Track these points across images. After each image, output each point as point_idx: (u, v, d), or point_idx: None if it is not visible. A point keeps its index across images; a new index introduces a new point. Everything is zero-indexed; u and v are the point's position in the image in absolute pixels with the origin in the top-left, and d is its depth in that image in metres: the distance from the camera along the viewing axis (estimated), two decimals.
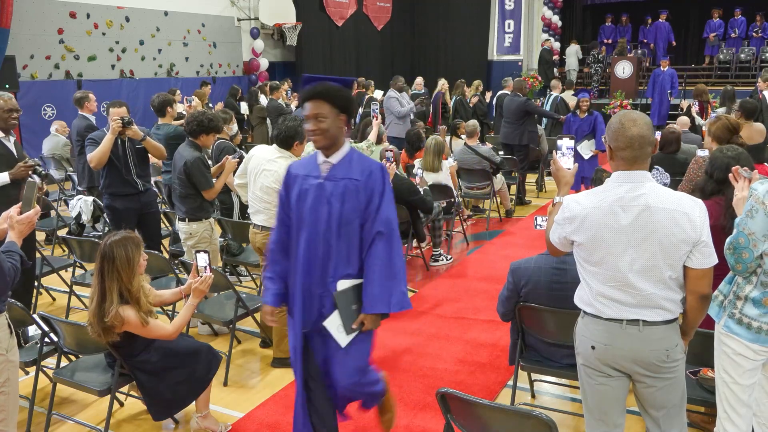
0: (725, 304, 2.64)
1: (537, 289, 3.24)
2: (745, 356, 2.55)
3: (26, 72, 9.47)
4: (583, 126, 8.19)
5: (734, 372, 2.59)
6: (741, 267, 2.51)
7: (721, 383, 2.65)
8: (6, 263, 2.67)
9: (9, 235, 2.82)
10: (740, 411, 2.59)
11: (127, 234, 3.19)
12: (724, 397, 2.64)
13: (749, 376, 2.57)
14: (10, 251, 2.75)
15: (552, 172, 2.76)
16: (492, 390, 3.96)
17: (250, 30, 13.53)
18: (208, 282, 3.33)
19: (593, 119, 8.20)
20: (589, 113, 8.30)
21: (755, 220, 2.46)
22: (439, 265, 6.34)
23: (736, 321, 2.57)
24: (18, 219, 2.83)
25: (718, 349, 2.66)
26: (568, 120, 8.46)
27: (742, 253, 2.48)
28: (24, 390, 3.71)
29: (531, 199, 9.12)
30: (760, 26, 15.43)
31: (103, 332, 3.09)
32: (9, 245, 2.79)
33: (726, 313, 2.61)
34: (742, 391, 2.57)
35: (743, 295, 2.57)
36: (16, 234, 2.82)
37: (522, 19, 17.15)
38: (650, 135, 2.32)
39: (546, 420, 2.15)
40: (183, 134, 5.95)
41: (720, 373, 2.66)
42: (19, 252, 2.79)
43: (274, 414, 3.75)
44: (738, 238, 2.50)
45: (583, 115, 8.31)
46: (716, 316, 2.66)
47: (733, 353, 2.58)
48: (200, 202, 4.71)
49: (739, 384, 2.58)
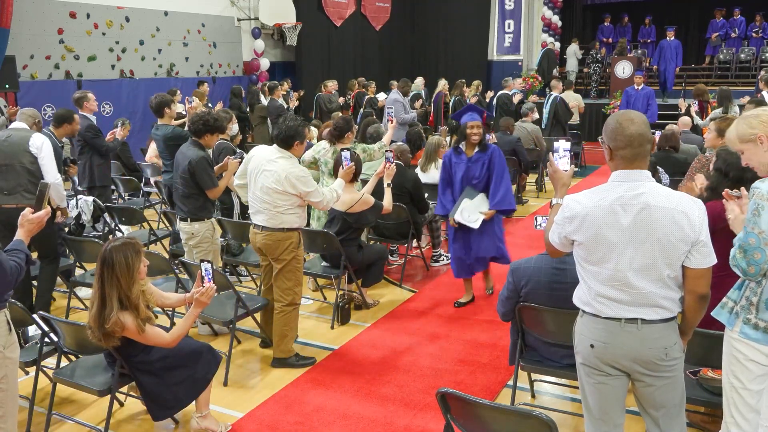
0: (737, 310, 2.55)
1: (537, 289, 3.24)
2: (758, 362, 2.49)
3: (26, 72, 9.46)
4: (474, 169, 4.99)
5: (744, 377, 2.53)
6: (754, 270, 2.41)
7: (730, 388, 2.59)
8: (9, 263, 2.69)
9: (18, 233, 2.88)
10: (748, 416, 2.57)
11: (127, 240, 3.18)
12: (732, 401, 2.59)
13: (759, 381, 2.52)
14: (15, 250, 2.79)
15: (549, 174, 2.77)
16: (492, 390, 3.96)
17: (250, 30, 13.52)
18: (210, 294, 3.32)
19: (488, 156, 4.98)
20: (482, 149, 4.97)
21: (762, 217, 2.38)
22: (440, 265, 6.34)
23: (753, 326, 2.48)
24: (29, 218, 2.89)
25: (729, 354, 2.59)
26: (445, 162, 5.14)
27: (754, 254, 2.39)
28: (24, 390, 3.71)
29: (528, 199, 9.13)
30: (759, 26, 15.42)
31: (104, 338, 3.10)
32: (15, 243, 2.84)
33: (740, 320, 2.52)
34: (751, 396, 2.53)
35: (756, 300, 2.48)
36: (24, 232, 2.88)
37: (522, 19, 17.13)
38: (648, 133, 2.34)
39: (546, 420, 2.15)
40: (181, 135, 5.98)
41: (729, 377, 2.60)
42: (26, 251, 2.83)
43: (274, 414, 3.76)
44: (748, 239, 2.41)
45: (471, 152, 5.00)
46: (728, 323, 2.58)
47: (744, 359, 2.52)
48: (203, 202, 4.70)
49: (748, 389, 2.53)
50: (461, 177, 5.05)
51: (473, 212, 4.95)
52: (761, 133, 2.48)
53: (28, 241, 2.90)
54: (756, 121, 2.52)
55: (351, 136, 5.56)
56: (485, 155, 5.01)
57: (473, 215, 4.95)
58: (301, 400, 3.90)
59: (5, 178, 4.65)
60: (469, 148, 5.07)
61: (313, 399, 3.91)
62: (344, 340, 4.73)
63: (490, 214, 4.97)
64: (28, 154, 4.69)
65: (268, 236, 4.16)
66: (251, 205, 4.29)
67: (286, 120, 4.18)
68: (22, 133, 4.81)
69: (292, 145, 4.14)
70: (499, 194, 4.96)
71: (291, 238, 4.18)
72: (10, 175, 4.65)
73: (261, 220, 4.19)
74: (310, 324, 5.04)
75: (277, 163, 4.08)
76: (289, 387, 4.06)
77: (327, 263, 5.22)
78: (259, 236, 4.21)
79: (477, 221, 4.93)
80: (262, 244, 4.20)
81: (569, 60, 15.78)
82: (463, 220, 4.94)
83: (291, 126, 4.10)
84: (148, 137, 8.29)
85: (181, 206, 4.75)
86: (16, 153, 4.68)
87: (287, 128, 4.10)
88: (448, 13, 17.40)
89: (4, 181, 4.65)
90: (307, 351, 4.55)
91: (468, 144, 5.06)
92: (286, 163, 4.09)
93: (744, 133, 2.54)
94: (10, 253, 2.77)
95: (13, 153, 4.68)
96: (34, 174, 4.69)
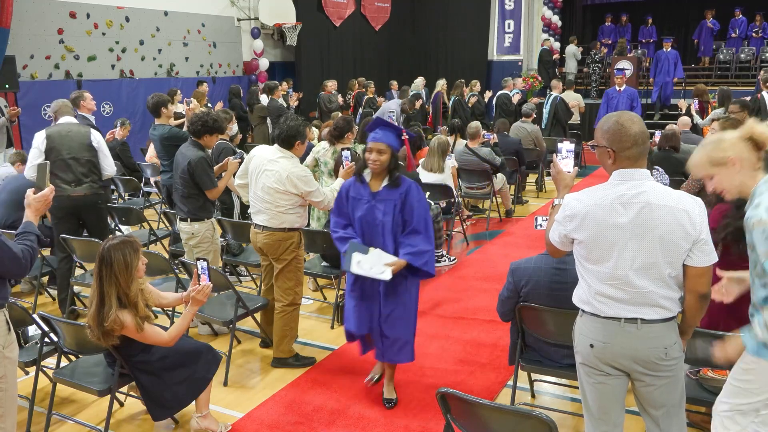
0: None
1: (537, 289, 3.24)
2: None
3: (26, 72, 9.45)
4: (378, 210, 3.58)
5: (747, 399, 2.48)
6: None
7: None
8: (17, 247, 2.71)
9: (26, 215, 2.91)
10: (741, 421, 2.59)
11: (126, 238, 3.18)
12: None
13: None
14: (25, 232, 2.82)
15: (552, 175, 2.77)
16: (492, 390, 3.96)
17: (250, 30, 13.52)
18: (206, 291, 3.33)
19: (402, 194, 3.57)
20: (393, 183, 3.55)
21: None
22: (441, 266, 6.34)
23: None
24: (34, 197, 2.92)
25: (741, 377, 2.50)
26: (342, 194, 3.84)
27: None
28: (24, 390, 3.72)
29: (528, 199, 9.13)
30: (759, 26, 15.42)
31: (103, 336, 3.10)
32: (25, 225, 2.86)
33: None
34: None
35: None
36: (32, 212, 2.91)
37: (522, 19, 17.13)
38: (647, 130, 2.38)
39: (546, 420, 2.15)
40: (178, 135, 6.00)
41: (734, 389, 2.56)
42: (35, 231, 2.85)
43: (274, 414, 3.76)
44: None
45: (377, 186, 3.60)
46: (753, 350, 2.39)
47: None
48: (203, 202, 4.70)
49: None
50: (360, 218, 3.57)
51: (376, 264, 3.47)
52: (733, 156, 2.44)
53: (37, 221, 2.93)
54: (727, 144, 2.47)
55: (351, 136, 5.56)
56: (396, 192, 3.50)
57: (377, 267, 3.46)
58: (301, 400, 3.90)
59: (72, 170, 5.10)
60: (374, 179, 3.58)
61: (313, 399, 3.91)
62: (344, 340, 4.71)
63: (400, 265, 3.45)
64: (90, 147, 5.18)
65: (269, 236, 4.16)
66: (252, 205, 4.29)
67: (287, 120, 4.17)
68: (81, 129, 5.26)
69: (293, 144, 4.13)
70: (416, 243, 3.47)
71: (292, 238, 4.18)
72: (76, 166, 5.10)
73: (262, 220, 4.19)
74: (310, 324, 5.04)
75: (279, 163, 4.08)
76: (289, 387, 4.06)
77: (327, 263, 5.22)
78: (260, 236, 4.21)
79: (385, 272, 3.43)
80: (263, 244, 4.20)
81: (568, 61, 15.77)
82: (364, 271, 3.45)
83: (292, 126, 4.10)
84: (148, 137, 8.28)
85: (181, 206, 4.75)
86: (81, 147, 5.14)
87: (288, 128, 4.10)
88: (448, 13, 17.40)
89: (71, 172, 5.10)
90: (307, 351, 4.55)
91: (373, 174, 3.62)
92: (288, 163, 4.09)
93: (716, 157, 2.47)
94: (21, 237, 2.79)
95: (77, 147, 5.13)
96: (96, 165, 5.21)
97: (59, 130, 5.14)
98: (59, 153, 5.04)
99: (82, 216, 5.26)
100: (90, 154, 5.17)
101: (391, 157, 3.50)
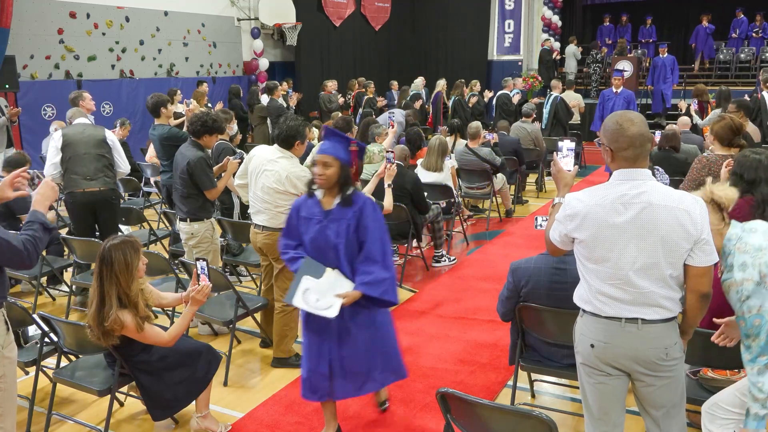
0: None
1: (537, 289, 3.24)
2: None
3: (26, 72, 9.46)
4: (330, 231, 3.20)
5: None
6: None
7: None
8: (18, 238, 2.65)
9: (33, 203, 2.83)
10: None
11: (126, 238, 3.18)
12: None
13: None
14: (29, 222, 2.75)
15: (552, 174, 2.77)
16: (492, 390, 3.96)
17: (250, 30, 13.52)
18: (205, 291, 3.32)
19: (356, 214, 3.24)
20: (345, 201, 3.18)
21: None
22: (441, 266, 6.34)
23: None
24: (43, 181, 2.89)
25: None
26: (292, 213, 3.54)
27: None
28: (24, 390, 3.71)
29: (528, 199, 9.13)
30: (760, 26, 15.42)
31: (103, 336, 3.10)
32: (31, 214, 2.79)
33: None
34: None
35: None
36: (39, 199, 2.83)
37: (522, 19, 17.13)
38: (648, 132, 2.36)
39: (546, 420, 2.15)
40: (176, 135, 6.01)
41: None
42: (40, 219, 2.77)
43: (274, 414, 3.76)
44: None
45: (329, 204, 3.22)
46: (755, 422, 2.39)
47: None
48: (202, 202, 4.70)
49: None
50: (311, 241, 3.18)
51: (326, 293, 3.08)
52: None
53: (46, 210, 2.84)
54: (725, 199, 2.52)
55: (351, 136, 5.55)
56: (350, 211, 3.14)
57: (325, 299, 3.06)
58: (301, 400, 3.88)
59: (86, 165, 5.27)
60: (327, 195, 3.20)
61: None
62: None
63: (353, 297, 3.06)
64: (105, 145, 5.38)
65: (269, 236, 4.16)
66: (252, 205, 4.29)
67: (287, 120, 4.18)
68: (96, 128, 5.50)
69: (293, 144, 4.14)
70: (372, 271, 3.10)
71: None
72: (91, 162, 5.29)
73: (262, 220, 4.19)
74: None
75: (278, 163, 4.08)
76: (289, 387, 4.05)
77: None
78: (259, 236, 4.21)
79: (332, 308, 3.03)
80: (263, 244, 4.20)
81: (568, 61, 15.77)
82: (308, 306, 3.07)
83: (292, 126, 4.11)
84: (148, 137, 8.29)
85: (181, 206, 4.75)
86: (96, 144, 5.34)
87: (288, 128, 4.10)
88: (448, 13, 17.40)
89: (86, 167, 5.27)
90: None
91: (323, 190, 3.22)
92: (287, 163, 4.09)
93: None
94: (25, 227, 2.73)
95: (92, 143, 5.32)
96: (110, 162, 5.40)
97: (75, 129, 5.39)
98: (75, 149, 5.26)
99: (97, 211, 5.37)
100: (104, 151, 5.37)
101: (339, 171, 3.10)
